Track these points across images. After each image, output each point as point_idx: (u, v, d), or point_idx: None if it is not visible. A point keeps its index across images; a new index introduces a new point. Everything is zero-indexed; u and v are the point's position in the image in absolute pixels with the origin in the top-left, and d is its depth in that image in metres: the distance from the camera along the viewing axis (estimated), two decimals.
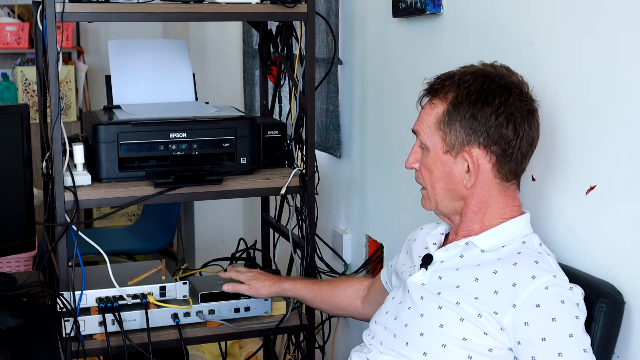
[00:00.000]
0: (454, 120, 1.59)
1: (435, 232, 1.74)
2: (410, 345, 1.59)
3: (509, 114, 1.57)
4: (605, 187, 1.62)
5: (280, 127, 2.48)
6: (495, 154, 1.59)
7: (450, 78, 1.63)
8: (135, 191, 2.21)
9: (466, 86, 1.59)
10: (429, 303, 1.61)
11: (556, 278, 1.51)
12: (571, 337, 1.46)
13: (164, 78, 2.53)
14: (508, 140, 1.57)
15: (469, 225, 1.65)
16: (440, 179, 1.64)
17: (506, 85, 1.59)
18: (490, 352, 1.51)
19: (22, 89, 4.66)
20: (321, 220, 2.80)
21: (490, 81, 1.59)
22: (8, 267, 3.29)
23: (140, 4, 2.17)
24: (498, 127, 1.57)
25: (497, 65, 1.65)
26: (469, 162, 1.59)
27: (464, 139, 1.59)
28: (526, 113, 1.59)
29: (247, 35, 3.59)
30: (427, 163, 1.65)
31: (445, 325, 1.55)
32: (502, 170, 1.60)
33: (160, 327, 2.22)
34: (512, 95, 1.58)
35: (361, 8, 2.64)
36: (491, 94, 1.57)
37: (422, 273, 1.66)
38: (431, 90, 1.65)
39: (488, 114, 1.57)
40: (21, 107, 2.19)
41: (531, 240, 1.61)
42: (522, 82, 1.62)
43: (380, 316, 1.73)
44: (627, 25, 1.53)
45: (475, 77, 1.60)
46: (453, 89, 1.60)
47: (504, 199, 1.63)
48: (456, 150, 1.60)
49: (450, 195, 1.64)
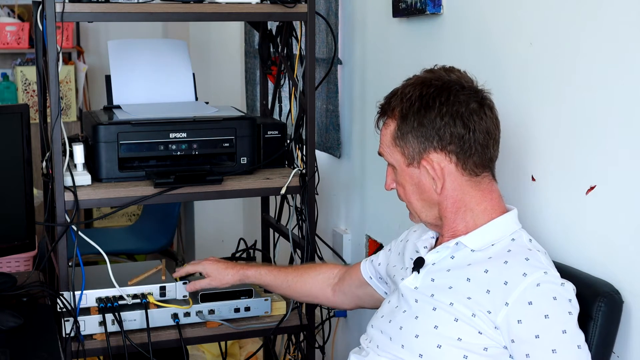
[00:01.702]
0: (405, 132, 1.63)
1: (426, 236, 1.75)
2: (406, 347, 1.60)
3: (453, 111, 1.59)
4: (605, 187, 1.62)
5: (280, 127, 2.49)
6: (454, 153, 1.61)
7: (394, 95, 1.67)
8: (135, 191, 2.21)
9: (408, 97, 1.63)
10: (423, 305, 1.61)
11: (547, 274, 1.51)
12: (565, 333, 1.46)
13: (164, 78, 2.53)
14: (461, 136, 1.59)
15: (452, 227, 1.66)
16: (412, 191, 1.67)
17: (444, 85, 1.61)
18: (486, 351, 1.52)
19: (22, 89, 4.66)
20: (321, 220, 2.80)
21: (427, 86, 1.62)
22: (8, 267, 3.29)
23: (140, 4, 2.17)
24: (446, 126, 1.59)
25: (436, 69, 1.68)
26: (430, 168, 1.62)
27: (420, 148, 1.62)
28: (473, 105, 1.60)
29: (249, 35, 3.59)
30: (399, 180, 1.69)
31: (439, 326, 1.56)
32: (467, 166, 1.62)
33: (160, 327, 2.22)
34: (452, 92, 1.60)
35: (361, 8, 2.64)
36: (431, 98, 1.60)
37: (414, 277, 1.67)
38: (382, 111, 1.70)
39: (433, 117, 1.59)
40: (21, 107, 2.19)
41: (520, 237, 1.62)
42: (463, 77, 1.65)
43: (376, 320, 1.74)
44: (627, 25, 1.53)
45: (414, 86, 1.64)
46: (398, 103, 1.64)
47: (479, 194, 1.64)
48: (416, 160, 1.63)
49: (426, 204, 1.67)
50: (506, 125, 1.82)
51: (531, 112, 1.81)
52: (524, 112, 1.84)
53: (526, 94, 1.83)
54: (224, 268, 2.17)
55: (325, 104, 2.84)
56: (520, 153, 1.85)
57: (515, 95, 1.86)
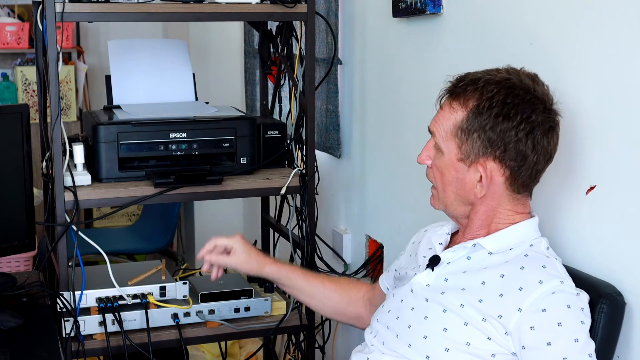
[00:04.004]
0: (472, 130, 1.55)
1: (441, 232, 1.73)
2: (413, 347, 1.59)
3: (529, 130, 1.52)
4: (605, 187, 1.61)
5: (280, 127, 2.48)
6: (509, 168, 1.55)
7: (473, 83, 1.56)
8: (135, 191, 2.21)
9: (489, 96, 1.53)
10: (433, 305, 1.59)
11: (563, 284, 1.50)
12: (576, 342, 1.45)
13: (164, 78, 2.53)
14: (525, 156, 1.54)
15: (476, 230, 1.63)
16: (451, 183, 1.61)
17: (530, 101, 1.53)
18: (494, 357, 1.50)
19: (22, 89, 4.66)
20: (321, 220, 2.80)
21: (514, 95, 1.53)
22: (8, 267, 3.29)
23: (140, 4, 2.17)
24: (517, 142, 1.53)
25: (524, 74, 1.58)
26: (483, 174, 1.57)
27: (480, 151, 1.55)
28: (547, 129, 1.55)
29: (248, 35, 3.59)
30: (440, 165, 1.62)
31: (449, 329, 1.54)
32: (515, 183, 1.58)
33: (160, 327, 2.22)
34: (535, 111, 1.53)
35: (361, 8, 2.64)
36: (514, 109, 1.52)
37: (427, 274, 1.65)
38: (452, 92, 1.59)
39: (508, 128, 1.52)
40: (21, 107, 2.19)
41: (539, 244, 1.60)
42: (547, 95, 1.57)
43: (382, 315, 1.72)
44: (627, 24, 1.53)
45: (500, 87, 1.54)
46: (475, 96, 1.55)
47: (513, 208, 1.61)
48: (471, 160, 1.57)
49: (460, 200, 1.62)
50: None
51: None
52: None
53: None
54: (255, 254, 2.01)
55: (325, 104, 2.83)
56: None
57: None
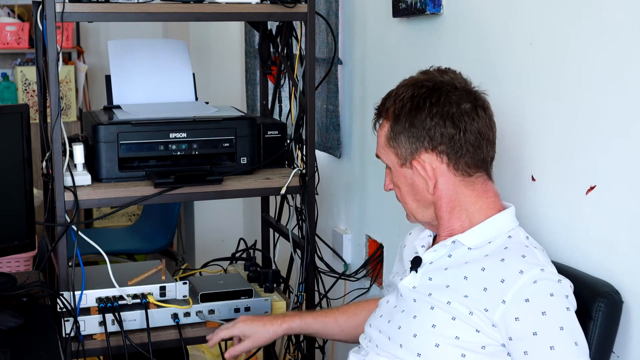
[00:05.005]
0: (397, 133, 1.65)
1: (423, 235, 1.76)
2: (404, 347, 1.60)
3: (443, 112, 1.60)
4: (605, 187, 1.62)
5: (280, 127, 2.49)
6: (444, 153, 1.62)
7: (389, 96, 1.69)
8: (135, 191, 2.21)
9: (400, 98, 1.64)
10: (421, 305, 1.62)
11: (544, 272, 1.51)
12: (562, 330, 1.46)
13: (164, 78, 2.53)
14: (451, 136, 1.60)
15: (448, 226, 1.66)
16: (407, 192, 1.69)
17: (435, 86, 1.62)
18: (484, 349, 1.52)
19: (22, 89, 4.66)
20: (321, 220, 2.80)
21: (419, 87, 1.63)
22: (8, 267, 3.29)
23: (140, 4, 2.17)
24: (436, 127, 1.60)
25: (431, 70, 1.69)
26: (421, 168, 1.63)
27: (411, 148, 1.64)
28: (465, 106, 1.61)
29: (249, 35, 3.59)
30: (395, 181, 1.71)
31: (437, 325, 1.56)
32: (459, 166, 1.62)
33: (160, 327, 2.22)
34: (443, 93, 1.61)
35: (361, 8, 2.64)
36: (422, 99, 1.62)
37: (412, 276, 1.68)
38: (378, 113, 1.72)
39: (423, 118, 1.61)
40: (21, 107, 2.19)
41: (517, 234, 1.62)
42: (456, 79, 1.65)
43: (374, 320, 1.75)
44: (627, 24, 1.53)
45: (407, 87, 1.65)
46: (391, 104, 1.66)
47: (474, 193, 1.64)
48: (409, 161, 1.65)
49: (421, 204, 1.68)
50: (506, 125, 1.83)
51: (531, 112, 1.81)
52: (523, 112, 1.84)
53: (526, 94, 1.83)
54: (262, 325, 2.01)
55: (325, 104, 2.84)
56: (520, 153, 1.85)
57: (515, 95, 1.86)
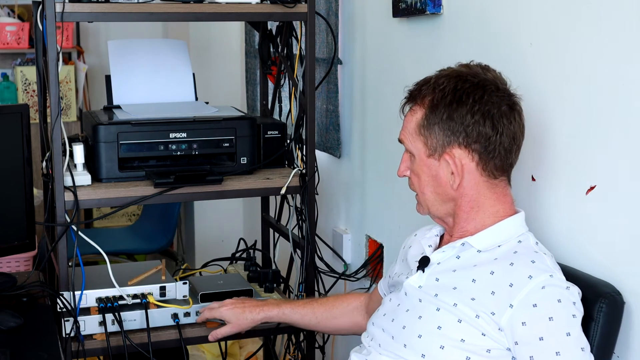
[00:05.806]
0: (432, 123, 1.61)
1: (430, 235, 1.75)
2: (408, 347, 1.60)
3: (485, 111, 1.58)
4: (605, 187, 1.62)
5: (280, 127, 2.48)
6: (477, 152, 1.60)
7: (426, 83, 1.65)
8: (135, 191, 2.21)
9: (441, 89, 1.61)
10: (426, 305, 1.61)
11: (553, 277, 1.51)
12: (569, 335, 1.46)
13: (164, 78, 2.53)
14: (487, 137, 1.59)
15: (463, 226, 1.65)
16: (428, 183, 1.66)
17: (480, 83, 1.60)
18: (489, 352, 1.51)
19: (22, 89, 4.66)
20: (321, 220, 2.80)
21: (463, 81, 1.61)
22: (8, 267, 3.29)
23: (140, 4, 2.17)
24: (475, 125, 1.58)
25: (473, 65, 1.67)
26: (452, 163, 1.61)
27: (444, 141, 1.61)
28: (505, 108, 1.60)
29: (249, 35, 3.59)
30: (415, 169, 1.68)
31: (443, 327, 1.55)
32: (487, 167, 1.61)
33: (160, 327, 2.22)
34: (487, 92, 1.59)
35: (361, 8, 2.64)
36: (465, 94, 1.59)
37: (419, 275, 1.67)
38: (410, 97, 1.68)
39: (464, 113, 1.59)
40: (21, 107, 2.19)
41: (527, 239, 1.62)
42: (498, 78, 1.64)
43: (377, 318, 1.74)
44: (627, 24, 1.53)
45: (449, 78, 1.62)
46: (429, 93, 1.63)
47: (494, 196, 1.64)
48: (438, 153, 1.62)
49: (440, 198, 1.66)
50: None
51: (531, 112, 1.81)
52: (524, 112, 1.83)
53: (526, 94, 1.83)
54: (242, 312, 2.11)
55: (325, 104, 2.84)
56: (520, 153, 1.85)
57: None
